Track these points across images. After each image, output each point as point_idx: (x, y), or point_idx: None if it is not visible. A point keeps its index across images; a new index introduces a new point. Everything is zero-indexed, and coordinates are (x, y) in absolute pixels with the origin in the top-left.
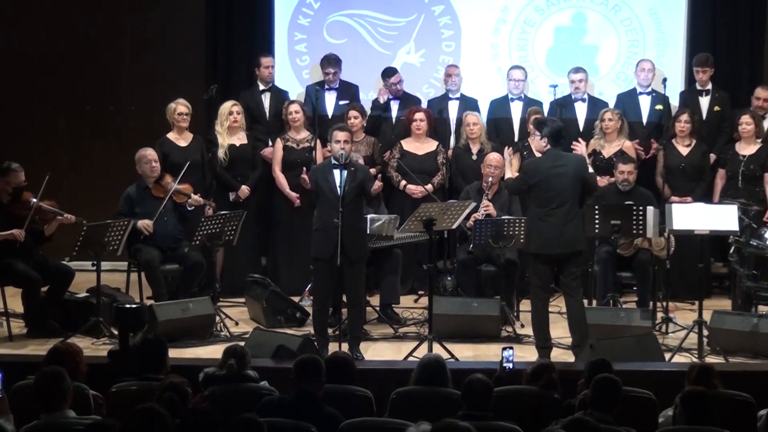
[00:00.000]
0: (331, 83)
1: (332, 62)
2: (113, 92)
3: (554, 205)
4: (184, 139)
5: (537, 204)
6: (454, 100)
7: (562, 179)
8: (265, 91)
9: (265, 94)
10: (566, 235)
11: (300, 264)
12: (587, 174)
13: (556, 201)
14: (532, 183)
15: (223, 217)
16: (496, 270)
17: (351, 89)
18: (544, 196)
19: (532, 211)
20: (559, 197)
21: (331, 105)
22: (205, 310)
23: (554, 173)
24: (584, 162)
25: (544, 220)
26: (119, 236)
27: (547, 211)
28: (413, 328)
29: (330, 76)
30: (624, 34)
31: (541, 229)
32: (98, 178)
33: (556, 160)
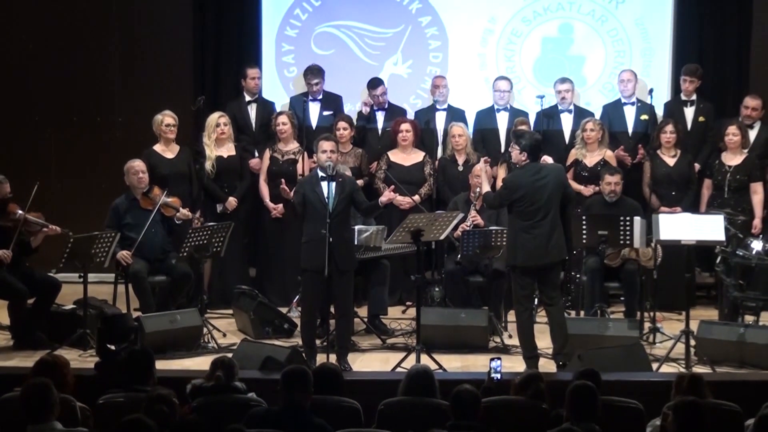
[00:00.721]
0: (315, 94)
1: (315, 73)
2: (101, 103)
3: (539, 217)
4: (171, 150)
5: (521, 217)
6: (442, 110)
7: (544, 191)
8: (251, 102)
9: (251, 105)
10: (551, 245)
11: (288, 275)
12: (567, 183)
13: (541, 213)
14: (516, 198)
15: (210, 228)
16: (484, 280)
17: (335, 100)
18: (528, 209)
19: (515, 225)
20: (544, 209)
21: (315, 116)
22: (192, 321)
23: (537, 186)
24: (563, 171)
25: (530, 233)
26: (106, 248)
27: (532, 224)
28: (401, 339)
29: (313, 87)
30: (611, 44)
31: (527, 241)
32: (85, 189)
33: (536, 173)
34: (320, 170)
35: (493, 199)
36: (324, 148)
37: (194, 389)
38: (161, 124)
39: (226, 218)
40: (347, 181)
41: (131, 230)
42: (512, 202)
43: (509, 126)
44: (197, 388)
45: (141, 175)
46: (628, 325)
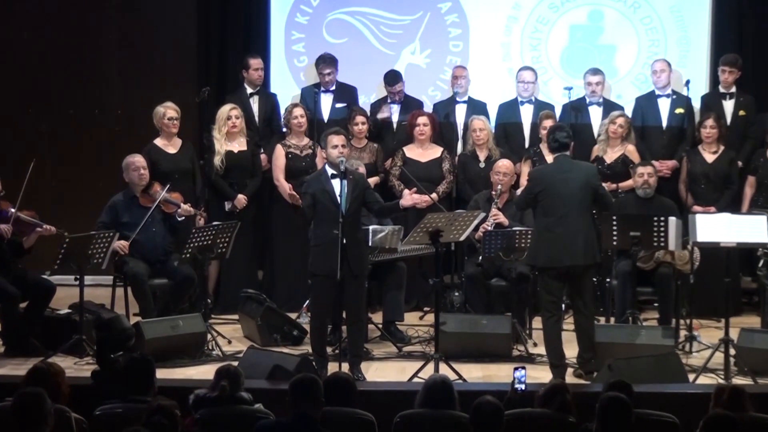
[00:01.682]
0: (328, 85)
1: (328, 62)
2: (98, 95)
3: (560, 213)
4: (173, 145)
5: (543, 213)
6: (462, 103)
7: (568, 187)
8: (253, 94)
9: (253, 98)
10: (577, 247)
11: (298, 278)
12: (600, 187)
13: (563, 209)
14: (538, 191)
15: (215, 228)
16: (507, 285)
17: (349, 91)
18: (549, 204)
19: (539, 222)
20: (566, 206)
21: (328, 108)
22: (195, 327)
23: (560, 179)
24: (596, 172)
25: (552, 231)
26: (104, 248)
27: (554, 221)
28: (418, 347)
29: (326, 77)
30: (644, 33)
31: (549, 240)
32: (82, 186)
33: (563, 167)
34: (330, 167)
35: (519, 198)
36: (334, 142)
37: (197, 400)
38: (163, 117)
39: (233, 217)
40: (358, 178)
41: (130, 230)
42: (535, 195)
43: (534, 120)
44: (200, 399)
45: (142, 171)
46: (662, 333)
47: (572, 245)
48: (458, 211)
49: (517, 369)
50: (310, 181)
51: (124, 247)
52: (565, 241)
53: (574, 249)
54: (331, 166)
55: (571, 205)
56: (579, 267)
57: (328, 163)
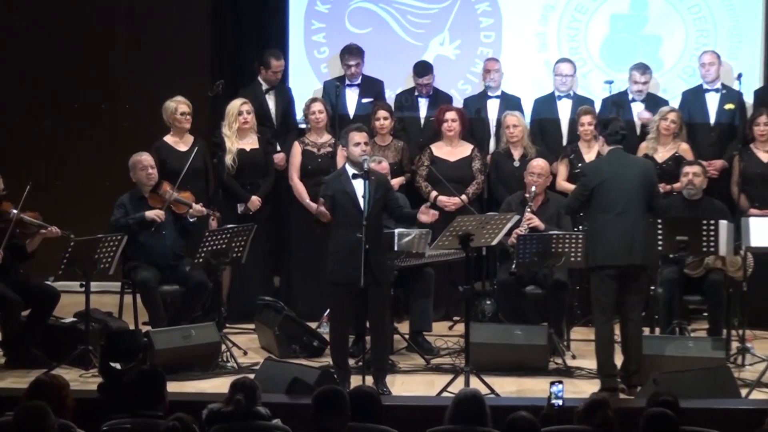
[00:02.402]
0: (353, 78)
1: (354, 53)
2: (105, 88)
3: (619, 209)
4: (184, 142)
5: (600, 209)
6: (494, 98)
7: (627, 181)
8: (269, 89)
9: (269, 93)
10: (636, 245)
11: (318, 285)
12: (657, 185)
13: (621, 205)
14: (594, 185)
15: (230, 231)
16: (543, 292)
17: (375, 85)
18: (607, 199)
19: (595, 219)
20: (624, 202)
21: (353, 103)
22: (209, 337)
23: (619, 173)
24: (653, 169)
25: (610, 228)
26: (111, 252)
27: (612, 217)
28: (447, 359)
29: (351, 69)
30: (691, 22)
31: (608, 237)
32: (87, 186)
33: (620, 161)
34: (351, 166)
35: (571, 198)
36: (356, 140)
37: (211, 415)
38: (174, 112)
39: (248, 220)
40: (380, 178)
41: (139, 232)
42: (591, 191)
43: (572, 116)
44: (214, 414)
45: (150, 170)
46: (712, 345)
47: (631, 243)
48: (490, 213)
49: (554, 383)
50: (329, 182)
51: (161, 214)
52: (625, 239)
53: (633, 247)
54: (353, 165)
55: (630, 201)
56: (636, 267)
57: (349, 162)
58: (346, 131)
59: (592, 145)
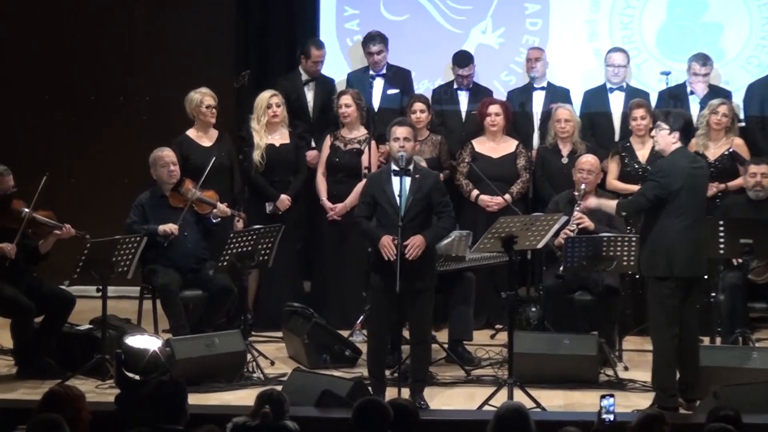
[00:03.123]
0: (377, 66)
1: (376, 40)
2: (123, 79)
3: (696, 215)
4: (209, 137)
5: (678, 214)
6: (540, 90)
7: (703, 182)
8: (309, 80)
9: (309, 85)
10: (704, 253)
11: (350, 290)
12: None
13: (697, 211)
14: (676, 188)
15: (256, 232)
16: (593, 299)
17: (402, 76)
18: (686, 203)
19: (671, 225)
20: (700, 207)
21: (378, 95)
22: (233, 346)
23: (696, 175)
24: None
25: (688, 236)
26: (130, 255)
27: (690, 223)
28: (489, 371)
29: (374, 57)
30: (756, 8)
31: (686, 246)
32: (104, 183)
33: (693, 160)
34: (393, 163)
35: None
36: (397, 134)
37: (236, 429)
38: (200, 105)
39: (276, 220)
40: (426, 176)
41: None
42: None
43: (624, 109)
44: (239, 428)
45: (172, 167)
46: None
47: (703, 251)
48: (535, 214)
49: (605, 396)
50: (371, 180)
51: (174, 229)
52: (700, 247)
53: (702, 256)
54: (393, 161)
55: (701, 206)
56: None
57: (392, 159)
58: (391, 125)
59: (646, 140)
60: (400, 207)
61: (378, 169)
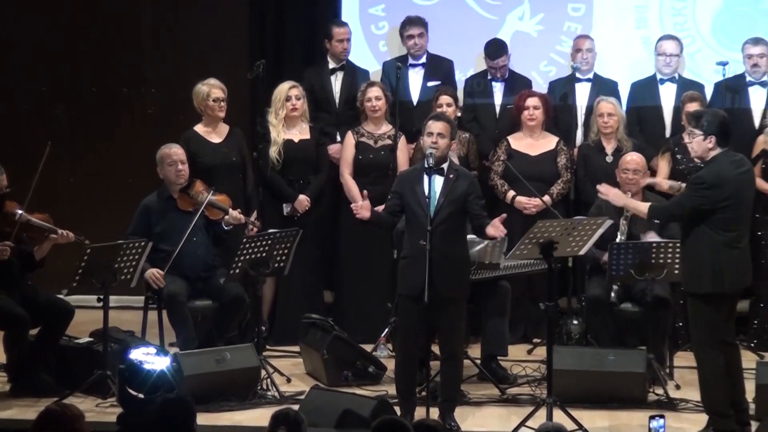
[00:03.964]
0: (416, 52)
1: (415, 23)
2: (128, 69)
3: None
4: (218, 133)
5: (725, 226)
6: (584, 81)
7: (749, 189)
8: (336, 69)
9: (336, 74)
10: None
11: (374, 301)
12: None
13: (747, 219)
14: (722, 199)
15: (271, 236)
16: (641, 311)
17: (443, 66)
18: (735, 216)
19: (715, 238)
20: (748, 214)
21: (417, 87)
22: (246, 361)
23: (742, 181)
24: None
25: (736, 248)
26: (134, 261)
27: (737, 235)
28: (526, 389)
29: (414, 40)
30: None
31: (734, 259)
32: (107, 183)
33: (738, 164)
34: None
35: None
36: (431, 129)
37: None
38: (207, 97)
39: (294, 224)
40: (462, 176)
41: (165, 240)
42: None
43: (676, 103)
44: None
45: (179, 166)
46: None
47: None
48: (577, 217)
49: (654, 417)
50: (402, 178)
51: (159, 278)
52: (747, 259)
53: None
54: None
55: (750, 213)
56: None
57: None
58: (427, 118)
59: None
60: (431, 208)
61: (409, 168)
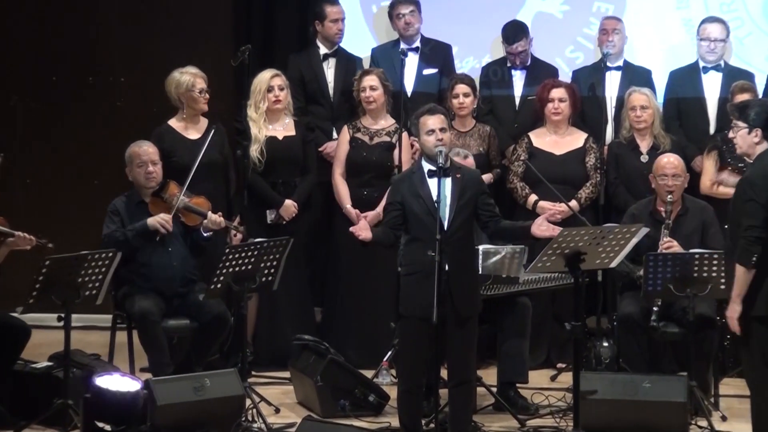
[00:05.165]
0: (408, 36)
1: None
2: (94, 56)
3: None
4: (197, 128)
5: None
6: (615, 69)
7: None
8: (328, 56)
9: (328, 61)
10: None
11: (376, 320)
12: None
13: None
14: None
15: (258, 247)
16: (682, 332)
17: (441, 51)
18: None
19: None
20: None
21: (411, 75)
22: (229, 389)
23: None
24: None
25: None
26: (100, 275)
27: None
28: (549, 421)
29: (405, 18)
30: None
31: None
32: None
33: None
34: (427, 161)
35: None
36: (430, 125)
37: None
38: (191, 88)
39: (282, 232)
40: (469, 175)
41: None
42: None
43: (723, 94)
44: None
45: (150, 168)
46: None
47: None
48: (608, 225)
49: None
50: (398, 183)
51: (167, 221)
52: None
53: None
54: (428, 159)
55: None
56: None
57: (425, 157)
58: (417, 115)
59: None
60: (443, 216)
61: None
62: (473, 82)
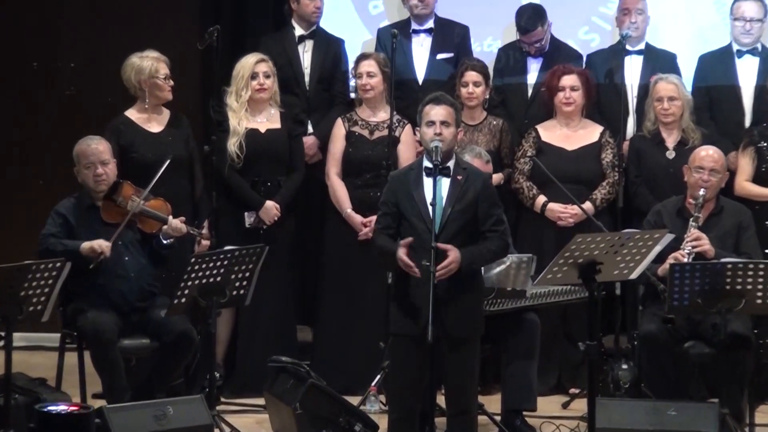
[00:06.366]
0: (421, 15)
1: None
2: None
3: None
4: (158, 120)
5: None
6: (635, 54)
7: None
8: (305, 37)
9: (304, 44)
10: None
11: (363, 340)
12: None
13: None
14: None
15: (228, 256)
16: (712, 352)
17: (456, 33)
18: None
19: None
20: None
21: (422, 61)
22: (194, 417)
23: None
24: None
25: None
26: (46, 288)
27: None
28: None
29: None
30: None
31: None
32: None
33: None
34: (426, 157)
35: None
36: (431, 117)
37: None
38: (153, 75)
39: (260, 239)
40: (473, 177)
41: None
42: None
43: (760, 81)
44: None
45: (99, 169)
46: None
47: None
48: (628, 230)
49: None
50: (394, 180)
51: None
52: None
53: None
54: (427, 155)
55: None
56: None
57: (426, 152)
58: (423, 105)
59: None
60: (434, 220)
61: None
62: (486, 69)
